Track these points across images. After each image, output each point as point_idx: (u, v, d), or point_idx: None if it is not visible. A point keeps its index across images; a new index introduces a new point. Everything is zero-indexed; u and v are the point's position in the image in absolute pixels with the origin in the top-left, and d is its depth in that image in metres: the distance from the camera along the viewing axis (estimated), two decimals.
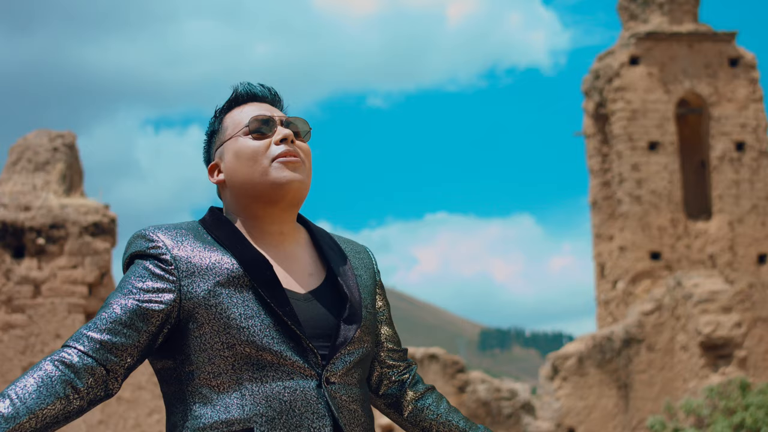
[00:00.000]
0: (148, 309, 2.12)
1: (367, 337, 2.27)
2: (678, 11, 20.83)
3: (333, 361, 2.17)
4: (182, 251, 2.17)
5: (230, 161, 2.31)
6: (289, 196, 2.27)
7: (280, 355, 2.11)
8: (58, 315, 12.27)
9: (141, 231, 2.23)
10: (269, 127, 2.30)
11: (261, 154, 2.27)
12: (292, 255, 2.31)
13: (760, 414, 14.24)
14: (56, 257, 12.47)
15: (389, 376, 2.46)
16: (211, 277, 2.14)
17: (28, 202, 12.79)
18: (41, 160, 13.60)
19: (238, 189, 2.29)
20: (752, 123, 19.97)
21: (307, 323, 2.17)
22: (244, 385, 2.09)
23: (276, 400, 2.09)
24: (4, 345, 12.13)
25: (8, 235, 12.47)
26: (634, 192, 19.72)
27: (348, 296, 2.25)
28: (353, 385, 2.21)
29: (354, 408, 2.19)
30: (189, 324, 2.13)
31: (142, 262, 2.18)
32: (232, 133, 2.32)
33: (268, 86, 2.43)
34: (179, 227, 2.24)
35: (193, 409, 2.12)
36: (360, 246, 2.50)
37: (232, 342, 2.10)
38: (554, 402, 17.39)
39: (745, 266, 19.36)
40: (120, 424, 12.25)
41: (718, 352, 16.24)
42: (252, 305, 2.13)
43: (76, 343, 2.08)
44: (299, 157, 2.29)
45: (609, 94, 20.58)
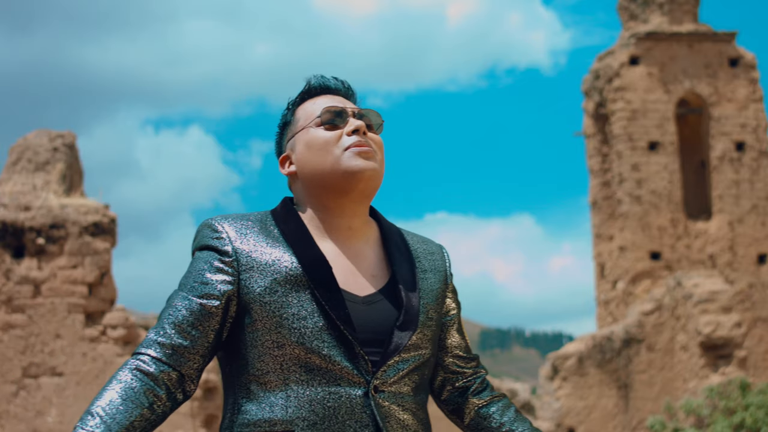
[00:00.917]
0: (212, 307, 2.12)
1: (426, 344, 2.22)
2: (678, 11, 20.83)
3: (384, 369, 2.13)
4: (245, 244, 2.16)
5: (302, 152, 2.29)
6: (361, 185, 2.23)
7: (329, 359, 2.08)
8: (58, 315, 12.27)
9: (209, 220, 2.23)
10: (341, 119, 2.28)
11: (333, 144, 2.25)
12: (359, 254, 2.27)
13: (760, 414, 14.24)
14: (56, 257, 12.47)
15: (452, 382, 2.40)
16: (269, 274, 2.13)
17: (28, 202, 12.79)
18: (41, 160, 13.60)
19: (309, 180, 2.27)
20: (752, 123, 19.97)
21: (362, 328, 2.14)
22: (291, 386, 2.08)
23: (320, 405, 2.07)
24: (4, 345, 12.13)
25: (8, 235, 12.47)
26: (634, 192, 19.72)
27: (404, 302, 2.20)
28: (407, 393, 2.17)
29: (404, 417, 2.14)
30: (244, 319, 2.13)
31: (207, 254, 2.18)
32: (304, 124, 2.31)
33: (341, 79, 2.41)
34: (246, 218, 2.23)
35: (240, 402, 2.13)
36: (435, 246, 2.45)
37: (283, 342, 2.09)
38: (554, 402, 17.39)
39: (745, 266, 19.36)
40: None
41: (718, 352, 16.24)
42: (306, 306, 2.11)
43: (149, 350, 2.10)
44: (372, 147, 2.27)
45: (609, 94, 20.58)
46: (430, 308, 2.26)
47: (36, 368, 12.16)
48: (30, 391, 12.07)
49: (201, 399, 12.47)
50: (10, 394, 12.01)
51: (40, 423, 11.98)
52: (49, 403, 12.06)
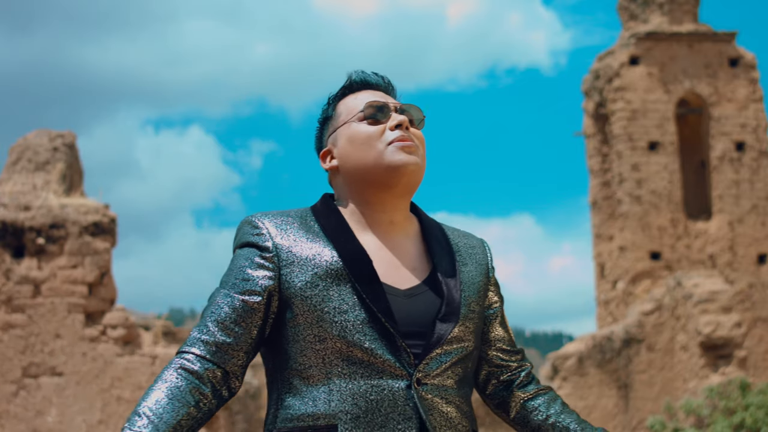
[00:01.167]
0: (254, 303, 2.13)
1: (468, 337, 2.21)
2: (678, 11, 20.83)
3: (426, 361, 2.12)
4: (285, 240, 2.17)
5: (344, 146, 2.29)
6: (404, 180, 2.23)
7: (371, 352, 2.08)
8: (58, 315, 12.27)
9: (249, 217, 2.25)
10: (384, 114, 2.28)
11: (375, 138, 2.25)
12: (400, 247, 2.27)
13: (760, 414, 14.24)
14: (56, 257, 12.47)
15: (497, 375, 2.39)
16: (309, 269, 2.13)
17: (28, 202, 12.79)
18: (41, 159, 13.60)
19: (352, 174, 2.28)
20: (752, 123, 19.97)
21: (404, 320, 2.13)
22: (333, 380, 2.08)
23: (363, 398, 2.06)
24: (4, 345, 12.13)
25: (8, 235, 12.46)
26: (634, 192, 19.72)
27: (445, 294, 2.20)
28: (450, 386, 2.16)
29: (447, 410, 2.13)
30: (286, 314, 2.14)
31: (247, 250, 2.18)
32: (346, 118, 2.31)
33: (381, 74, 2.41)
34: (287, 214, 2.24)
35: (283, 397, 2.13)
36: (476, 240, 2.44)
37: (324, 335, 2.09)
38: None
39: (745, 266, 19.36)
40: (120, 424, 12.24)
41: (718, 352, 16.23)
42: (347, 300, 2.11)
43: (193, 348, 2.10)
44: (414, 142, 2.26)
45: (609, 94, 20.58)
46: (471, 301, 2.26)
47: (36, 368, 12.16)
48: (30, 391, 12.07)
49: None
50: (10, 394, 12.01)
51: (40, 423, 11.97)
52: (49, 403, 12.06)
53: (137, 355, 12.45)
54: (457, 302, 2.20)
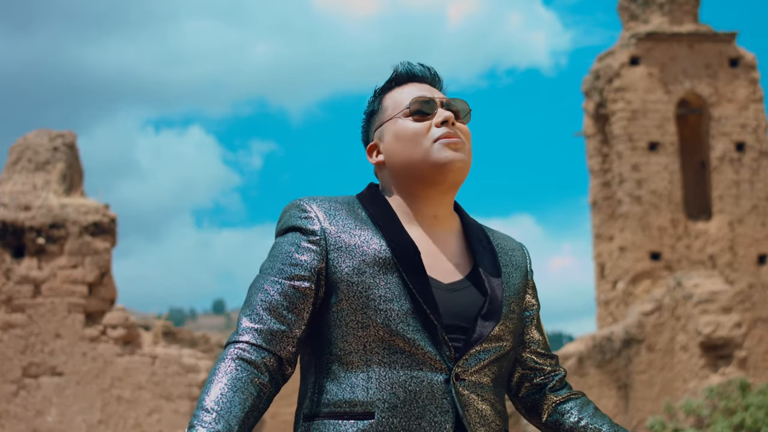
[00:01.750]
0: (305, 288, 2.12)
1: (507, 337, 2.22)
2: (678, 11, 20.83)
3: (466, 357, 2.13)
4: (333, 225, 2.17)
5: (390, 142, 2.30)
6: (450, 176, 2.24)
7: (413, 343, 2.08)
8: (58, 315, 12.27)
9: (296, 200, 2.24)
10: (430, 108, 2.28)
11: (422, 135, 2.25)
12: (444, 242, 2.27)
13: (760, 414, 14.24)
14: (56, 257, 12.47)
15: (530, 378, 2.40)
16: (357, 255, 2.13)
17: (28, 202, 12.79)
18: (41, 159, 13.60)
19: (398, 170, 2.28)
20: (752, 123, 19.97)
21: (446, 314, 2.14)
22: (373, 367, 2.08)
23: (401, 388, 2.06)
24: (4, 345, 12.13)
25: (8, 235, 12.46)
26: (634, 192, 19.72)
27: (488, 292, 2.21)
28: (486, 384, 2.17)
29: (482, 408, 2.14)
30: (330, 298, 2.13)
31: (293, 235, 2.18)
32: (392, 113, 2.31)
33: (427, 66, 2.41)
34: (334, 200, 2.24)
35: (321, 382, 2.12)
36: (515, 243, 2.45)
37: (368, 323, 2.09)
38: None
39: (745, 267, 19.35)
40: (120, 424, 12.24)
41: (718, 352, 16.23)
42: (394, 289, 2.11)
43: (247, 337, 2.09)
44: (460, 138, 2.27)
45: (609, 95, 20.58)
46: (512, 301, 2.27)
47: (36, 368, 12.16)
48: (30, 390, 12.07)
49: None
50: (10, 394, 12.01)
51: (40, 423, 11.97)
52: (49, 403, 12.06)
53: (137, 355, 12.45)
54: (500, 301, 2.21)
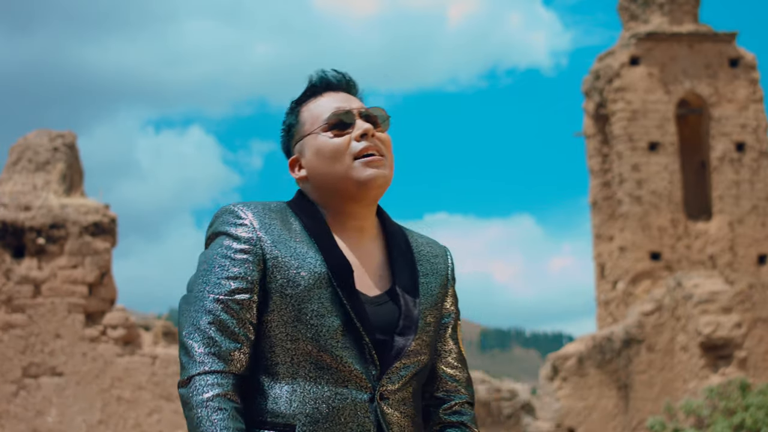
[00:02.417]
0: (245, 301, 2.09)
1: (424, 350, 2.22)
2: (678, 11, 20.83)
3: (388, 375, 2.13)
4: (268, 234, 2.14)
5: (311, 158, 2.27)
6: (372, 193, 2.24)
7: (340, 360, 2.09)
8: (58, 315, 12.27)
9: (229, 206, 2.20)
10: (348, 120, 2.25)
11: (342, 151, 2.22)
12: (368, 255, 2.26)
13: (760, 414, 14.24)
14: (56, 257, 12.47)
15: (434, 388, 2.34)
16: (293, 267, 2.11)
17: (28, 202, 12.79)
18: (41, 160, 13.60)
19: (321, 185, 2.26)
20: (752, 123, 19.97)
21: (371, 329, 2.14)
22: (298, 381, 2.08)
23: (325, 403, 2.07)
24: (4, 345, 12.13)
25: (8, 235, 12.47)
26: (634, 192, 19.72)
27: (403, 309, 2.19)
28: (407, 399, 2.17)
29: (404, 424, 2.15)
30: (261, 308, 2.12)
31: (226, 244, 2.14)
32: (311, 128, 2.27)
33: (342, 72, 2.37)
34: (268, 207, 2.21)
35: (252, 392, 2.12)
36: (439, 249, 2.41)
37: (297, 336, 2.08)
38: (554, 402, 17.39)
39: (745, 267, 19.36)
40: (120, 424, 12.25)
41: (718, 352, 16.23)
42: (327, 304, 2.10)
43: (209, 365, 2.05)
44: (380, 151, 2.25)
45: (609, 95, 20.58)
46: (428, 314, 2.25)
47: (36, 368, 12.16)
48: (30, 391, 12.07)
49: None
50: (10, 394, 12.01)
51: (40, 423, 11.98)
52: (49, 403, 12.06)
53: (137, 356, 12.45)
54: (415, 317, 2.19)
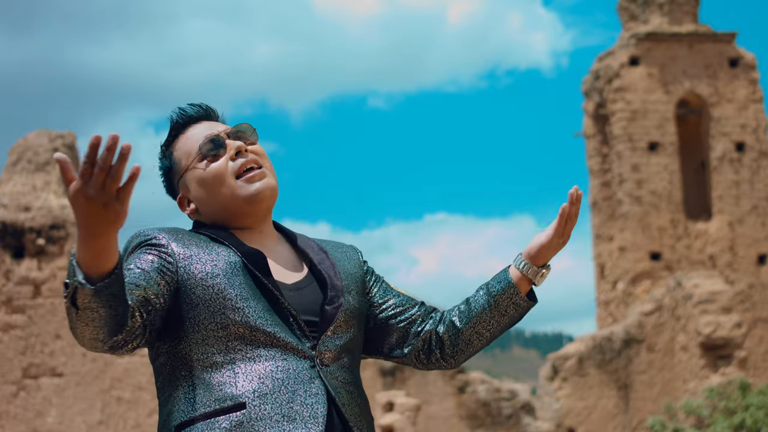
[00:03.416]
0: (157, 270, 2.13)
1: (352, 321, 2.29)
2: (678, 12, 20.84)
3: (323, 341, 2.19)
4: (179, 241, 2.22)
5: (196, 191, 2.34)
6: (264, 205, 2.33)
7: (273, 335, 2.14)
8: (58, 315, 12.27)
9: (139, 230, 2.27)
10: (219, 144, 2.32)
11: (223, 175, 2.30)
12: (275, 250, 2.35)
13: (760, 414, 14.24)
14: (56, 257, 12.47)
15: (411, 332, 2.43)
16: (208, 262, 2.19)
17: (28, 203, 12.79)
18: (41, 160, 13.61)
19: (212, 213, 2.34)
20: (752, 123, 19.97)
21: (297, 309, 2.21)
22: (237, 364, 2.12)
23: (269, 378, 2.11)
24: (4, 345, 12.13)
25: (8, 236, 12.47)
26: (634, 192, 19.73)
27: (327, 281, 2.29)
28: (346, 368, 2.23)
29: (351, 389, 2.22)
30: (184, 305, 2.16)
31: (142, 249, 2.20)
32: (187, 163, 2.34)
33: (198, 103, 2.44)
34: (174, 228, 2.30)
35: (187, 392, 2.13)
36: (347, 245, 2.53)
37: (226, 322, 2.13)
38: (554, 402, 17.39)
39: (745, 267, 19.36)
40: (120, 424, 12.25)
41: (718, 352, 16.23)
42: (247, 288, 2.17)
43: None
44: (258, 163, 2.33)
45: (609, 95, 20.58)
46: (351, 289, 2.34)
47: (36, 369, 12.16)
48: (30, 391, 12.07)
49: None
50: (10, 395, 12.02)
51: (40, 423, 11.98)
52: (49, 404, 12.06)
53: (137, 356, 12.45)
54: (340, 287, 2.29)
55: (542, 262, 2.35)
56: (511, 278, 2.35)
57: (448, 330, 2.41)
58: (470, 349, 2.43)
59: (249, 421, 2.06)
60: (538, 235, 2.37)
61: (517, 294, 2.35)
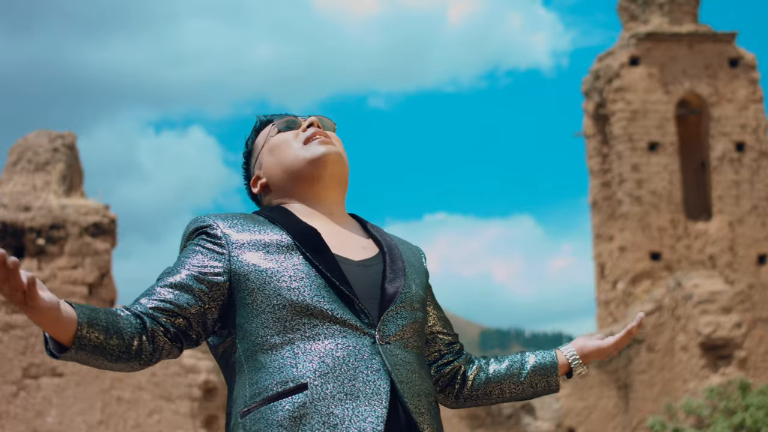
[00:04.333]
0: (202, 277, 2.17)
1: (416, 305, 2.29)
2: (678, 12, 20.84)
3: (384, 322, 2.19)
4: (232, 228, 2.25)
5: (267, 160, 2.43)
6: (328, 169, 2.36)
7: (331, 313, 2.14)
8: None
9: (196, 216, 2.33)
10: (296, 123, 2.45)
11: (292, 139, 2.40)
12: (345, 230, 2.37)
13: (760, 414, 14.24)
14: (56, 257, 12.47)
15: (442, 354, 2.49)
16: (260, 247, 2.21)
17: (28, 203, 12.80)
18: (41, 160, 13.61)
19: (279, 180, 2.40)
20: (752, 123, 19.97)
21: (360, 286, 2.21)
22: (297, 344, 2.12)
23: (329, 356, 2.10)
24: (4, 345, 12.13)
25: (8, 236, 12.47)
26: (634, 192, 19.73)
27: (388, 261, 2.30)
28: (411, 349, 2.22)
29: (411, 369, 2.19)
30: (241, 293, 2.18)
31: (195, 240, 2.26)
32: (263, 141, 2.47)
33: (283, 113, 2.55)
34: (232, 213, 2.33)
35: (249, 377, 2.14)
36: (412, 244, 2.55)
37: (283, 302, 2.14)
38: (554, 402, 17.39)
39: (745, 267, 19.36)
40: (120, 424, 12.25)
41: (718, 352, 16.23)
42: (302, 269, 2.18)
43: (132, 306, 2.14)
44: (327, 135, 2.41)
45: (609, 95, 20.58)
46: (414, 275, 2.36)
47: (36, 369, 12.16)
48: (30, 391, 12.08)
49: (201, 399, 12.48)
50: (10, 395, 12.02)
51: (40, 423, 11.98)
52: (49, 404, 12.06)
53: None
54: (401, 267, 2.31)
55: (587, 362, 2.51)
56: (557, 362, 2.48)
57: (475, 374, 2.49)
58: (484, 400, 2.52)
59: (312, 401, 2.06)
60: (596, 340, 2.52)
61: (556, 376, 2.49)
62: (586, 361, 2.50)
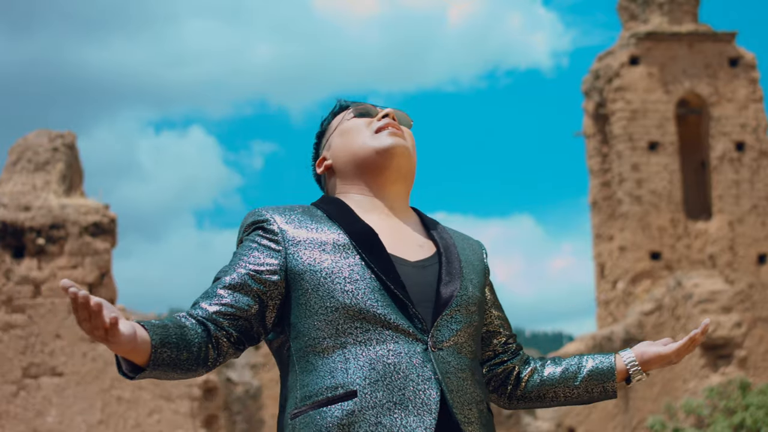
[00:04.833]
0: (259, 276, 2.17)
1: (472, 308, 2.26)
2: (678, 11, 20.83)
3: (438, 327, 2.16)
4: (289, 224, 2.23)
5: (336, 142, 2.42)
6: (395, 161, 2.34)
7: (384, 317, 2.11)
8: (58, 315, 12.27)
9: (253, 209, 2.32)
10: (373, 111, 2.44)
11: (365, 126, 2.39)
12: (404, 227, 2.34)
13: (760, 414, 14.23)
14: (56, 257, 12.47)
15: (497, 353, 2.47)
16: (317, 245, 2.19)
17: (28, 202, 12.79)
18: (41, 160, 13.60)
19: (345, 164, 2.38)
20: (752, 123, 19.97)
21: (414, 288, 2.18)
22: (348, 348, 2.10)
23: (380, 362, 2.08)
24: (4, 345, 12.13)
25: (8, 235, 12.47)
26: (634, 192, 19.72)
27: (444, 263, 2.26)
28: (465, 354, 2.19)
29: (463, 377, 2.16)
30: (296, 292, 2.17)
31: (251, 236, 2.25)
32: (337, 124, 2.45)
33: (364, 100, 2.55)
34: (289, 206, 2.32)
35: (300, 378, 2.14)
36: (472, 239, 2.52)
37: (337, 305, 2.12)
38: None
39: (745, 266, 19.35)
40: (120, 424, 12.25)
41: (718, 352, 16.23)
42: (357, 270, 2.15)
43: (193, 310, 2.15)
44: (400, 128, 2.40)
45: (609, 95, 20.58)
46: (471, 276, 2.32)
47: (36, 368, 12.16)
48: (30, 391, 12.07)
49: (201, 399, 12.48)
50: (10, 394, 12.01)
51: (40, 423, 11.98)
52: (49, 403, 12.06)
53: None
54: (457, 269, 2.27)
55: (647, 369, 2.47)
56: (615, 367, 2.44)
57: (529, 375, 2.46)
58: (538, 402, 2.49)
59: (360, 410, 2.04)
60: (658, 346, 2.47)
61: (613, 382, 2.45)
62: (646, 367, 2.45)
